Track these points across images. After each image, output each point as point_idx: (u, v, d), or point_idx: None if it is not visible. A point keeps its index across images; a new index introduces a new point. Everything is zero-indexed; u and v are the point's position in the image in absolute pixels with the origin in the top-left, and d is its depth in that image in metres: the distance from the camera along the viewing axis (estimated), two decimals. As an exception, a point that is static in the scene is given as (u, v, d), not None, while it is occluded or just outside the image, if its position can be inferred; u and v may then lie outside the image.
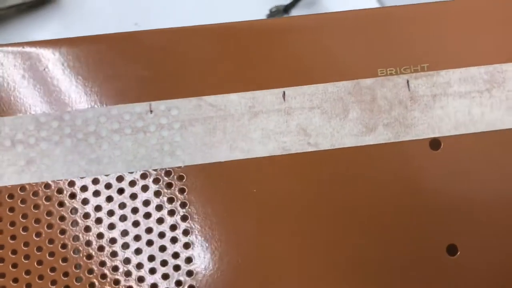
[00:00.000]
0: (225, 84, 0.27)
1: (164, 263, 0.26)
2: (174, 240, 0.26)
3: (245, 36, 0.28)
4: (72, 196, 0.26)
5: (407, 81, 0.27)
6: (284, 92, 0.27)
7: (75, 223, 0.26)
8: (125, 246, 0.26)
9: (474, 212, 0.26)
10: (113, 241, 0.26)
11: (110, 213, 0.26)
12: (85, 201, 0.26)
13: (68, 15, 0.50)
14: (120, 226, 0.26)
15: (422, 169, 0.27)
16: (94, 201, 0.26)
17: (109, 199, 0.26)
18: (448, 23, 0.28)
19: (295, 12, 0.55)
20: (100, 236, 0.26)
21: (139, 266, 0.26)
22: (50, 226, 0.26)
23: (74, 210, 0.26)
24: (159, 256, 0.26)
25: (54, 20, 0.50)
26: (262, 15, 0.54)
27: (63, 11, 0.51)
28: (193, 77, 0.27)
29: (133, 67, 0.27)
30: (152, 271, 0.26)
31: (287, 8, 0.53)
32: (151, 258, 0.26)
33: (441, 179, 0.27)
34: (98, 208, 0.26)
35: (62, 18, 0.50)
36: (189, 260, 0.26)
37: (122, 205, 0.26)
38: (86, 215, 0.26)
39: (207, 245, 0.26)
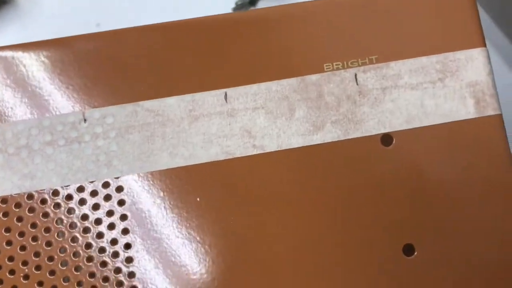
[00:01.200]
0: (162, 87, 0.26)
1: (105, 279, 0.25)
2: (115, 255, 0.25)
3: (182, 35, 0.26)
4: (5, 214, 0.25)
5: (355, 75, 0.26)
6: (226, 93, 0.26)
7: (9, 243, 0.25)
8: (64, 263, 0.25)
9: (430, 209, 0.25)
10: (50, 259, 0.25)
11: (47, 230, 0.25)
12: (19, 219, 0.25)
13: (25, 16, 0.49)
14: (58, 242, 0.25)
15: (374, 166, 0.25)
16: (29, 218, 0.25)
17: (45, 215, 0.25)
18: (396, 12, 0.27)
19: (261, 4, 0.53)
20: (37, 255, 0.25)
21: (79, 284, 0.24)
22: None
23: (7, 230, 0.25)
24: (100, 273, 0.25)
25: (11, 21, 0.48)
26: (227, 8, 0.52)
27: (20, 12, 0.49)
28: (128, 81, 0.26)
29: (64, 74, 0.26)
30: (93, 289, 0.24)
31: (253, 1, 0.52)
32: (92, 275, 0.25)
33: (394, 177, 0.25)
34: (33, 225, 0.25)
35: (19, 19, 0.48)
36: (131, 275, 0.25)
37: (59, 221, 0.25)
38: (21, 234, 0.25)
39: (150, 258, 0.25)
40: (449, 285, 0.24)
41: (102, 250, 0.25)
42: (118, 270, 0.25)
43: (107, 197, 0.25)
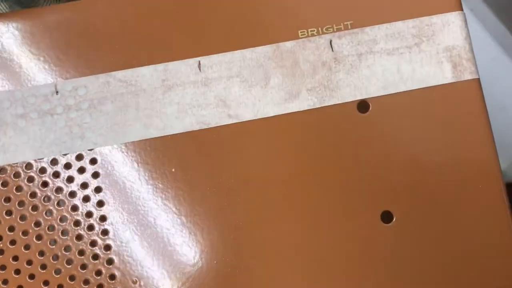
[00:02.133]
0: (134, 57, 0.25)
1: (81, 252, 0.24)
2: (90, 227, 0.24)
3: (153, 2, 0.26)
4: (-22, 188, 0.24)
5: (330, 41, 0.26)
6: (199, 62, 0.25)
7: (-18, 217, 0.24)
8: (38, 237, 0.24)
9: (407, 176, 0.25)
10: (25, 233, 0.24)
11: (21, 204, 0.24)
12: (-8, 193, 0.24)
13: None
14: (32, 216, 0.24)
15: (350, 133, 0.25)
16: (2, 193, 0.24)
17: (18, 189, 0.24)
18: (371, -24, 0.26)
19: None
20: (11, 229, 0.24)
21: (55, 258, 0.24)
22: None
23: (-20, 204, 0.24)
24: (75, 246, 0.24)
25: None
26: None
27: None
28: (99, 52, 0.25)
29: (35, 46, 0.25)
30: (69, 262, 0.24)
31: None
32: (67, 249, 0.24)
33: (371, 143, 0.25)
34: (7, 199, 0.24)
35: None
36: (107, 247, 0.24)
37: (33, 194, 0.24)
38: (-5, 208, 0.24)
39: (126, 230, 0.24)
40: (427, 252, 0.24)
41: (77, 223, 0.24)
42: (93, 243, 0.24)
43: (81, 170, 0.25)
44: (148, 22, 0.25)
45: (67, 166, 0.25)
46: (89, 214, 0.24)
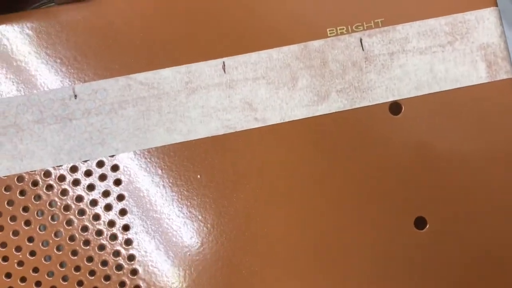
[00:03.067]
0: (156, 58, 0.24)
1: (104, 263, 0.23)
2: (113, 237, 0.23)
3: (175, 0, 0.24)
4: (-5, 198, 0.23)
5: (360, 40, 0.24)
6: (223, 63, 0.24)
7: (0, 228, 0.23)
8: (59, 248, 0.23)
9: (441, 180, 0.24)
10: (45, 244, 0.23)
11: (40, 213, 0.23)
12: (10, 203, 0.23)
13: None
14: (52, 226, 0.23)
15: (382, 136, 0.24)
16: (20, 202, 0.23)
17: (37, 197, 0.23)
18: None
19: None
20: (30, 240, 0.23)
21: (77, 269, 0.23)
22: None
23: (-2, 214, 0.23)
24: (98, 257, 0.23)
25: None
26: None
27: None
28: (119, 53, 0.24)
29: (51, 47, 0.24)
30: (92, 273, 0.23)
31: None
32: (89, 260, 0.23)
33: (404, 147, 0.24)
34: (25, 209, 0.23)
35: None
36: (131, 257, 0.23)
37: (53, 203, 0.23)
38: (13, 218, 0.23)
39: (150, 240, 0.23)
40: (463, 258, 0.23)
41: (99, 233, 0.23)
42: (117, 253, 0.23)
43: (103, 177, 0.24)
44: (169, 21, 0.24)
45: (88, 173, 0.24)
46: (111, 224, 0.23)
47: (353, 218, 0.24)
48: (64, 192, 0.24)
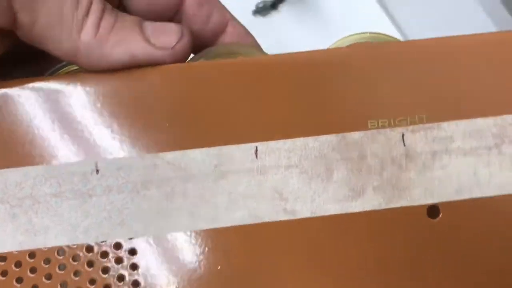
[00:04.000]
0: (186, 137, 0.23)
1: None
2: (124, 324, 0.22)
3: (210, 77, 0.23)
4: (3, 274, 0.22)
5: (402, 135, 0.23)
6: (256, 148, 0.23)
7: (6, 307, 0.22)
8: (68, 333, 0.22)
9: (477, 293, 0.22)
10: (53, 326, 0.22)
11: (50, 293, 0.22)
12: (19, 280, 0.22)
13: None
14: (61, 309, 0.22)
15: (418, 240, 0.23)
16: (30, 280, 0.22)
17: (48, 277, 0.22)
18: (451, 64, 0.23)
19: (284, 8, 0.50)
20: (38, 321, 0.22)
21: None
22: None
23: (6, 292, 0.22)
24: None
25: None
26: (248, 12, 0.49)
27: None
28: (148, 128, 0.23)
29: (75, 116, 0.23)
30: None
31: (274, 4, 0.49)
32: None
33: (441, 254, 0.23)
34: None
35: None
36: None
37: (64, 285, 0.22)
38: (21, 296, 0.22)
39: (163, 331, 0.22)
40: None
41: (110, 318, 0.22)
42: None
43: (118, 260, 0.22)
44: (203, 98, 0.23)
45: (104, 254, 0.22)
46: (124, 310, 0.22)
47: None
48: (77, 273, 0.22)
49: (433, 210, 0.23)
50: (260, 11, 0.48)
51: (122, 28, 0.22)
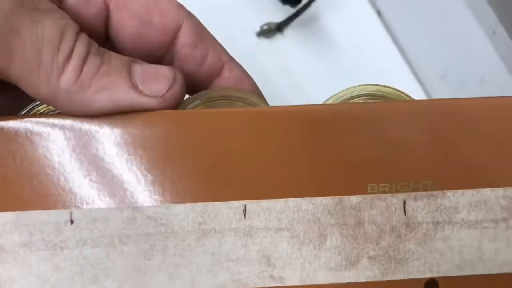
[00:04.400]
0: (169, 190, 0.21)
1: None
2: None
3: (197, 126, 0.21)
4: (-38, 328, 0.20)
5: (404, 202, 0.21)
6: (245, 206, 0.21)
7: None
8: None
9: None
10: None
11: None
12: (-21, 335, 0.20)
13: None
14: None
15: (413, 317, 0.21)
16: (-10, 336, 0.20)
17: (11, 334, 0.20)
18: (461, 128, 0.22)
19: (289, 31, 0.48)
20: None
21: None
22: None
23: None
24: None
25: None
26: (252, 32, 0.47)
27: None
28: (127, 179, 0.21)
29: (50, 160, 0.21)
30: None
31: (280, 26, 0.47)
32: None
33: (435, 334, 0.21)
34: None
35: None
36: None
37: None
38: None
39: None
40: None
41: None
42: None
43: (88, 320, 0.20)
44: (191, 149, 0.21)
45: (72, 313, 0.21)
46: None
47: None
48: (42, 332, 0.21)
49: (431, 285, 0.21)
50: (265, 33, 0.46)
51: (107, 73, 0.20)
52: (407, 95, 0.24)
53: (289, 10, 0.44)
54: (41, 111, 0.24)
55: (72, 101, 0.20)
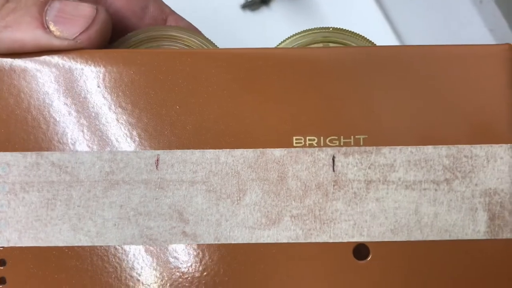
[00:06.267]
0: (75, 136, 0.19)
1: None
2: None
3: (110, 65, 0.20)
4: None
5: (333, 158, 0.19)
6: (158, 156, 0.19)
7: None
8: None
9: None
10: None
11: None
12: None
13: None
14: None
15: (341, 285, 0.19)
16: None
17: None
18: (402, 79, 0.19)
19: (275, 4, 0.46)
20: None
21: None
22: None
23: None
24: None
25: None
26: (236, 4, 0.45)
27: None
28: (33, 124, 0.19)
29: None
30: None
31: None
32: None
33: (362, 303, 0.19)
34: None
35: None
36: None
37: None
38: None
39: None
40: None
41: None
42: None
43: (-16, 271, 0.19)
44: (98, 93, 0.19)
45: (-33, 263, 0.19)
46: (-16, 330, 0.19)
47: None
48: None
49: (360, 250, 0.19)
50: (250, 5, 0.44)
51: (14, 10, 0.18)
52: (369, 41, 0.22)
53: (275, -18, 0.43)
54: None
55: None
